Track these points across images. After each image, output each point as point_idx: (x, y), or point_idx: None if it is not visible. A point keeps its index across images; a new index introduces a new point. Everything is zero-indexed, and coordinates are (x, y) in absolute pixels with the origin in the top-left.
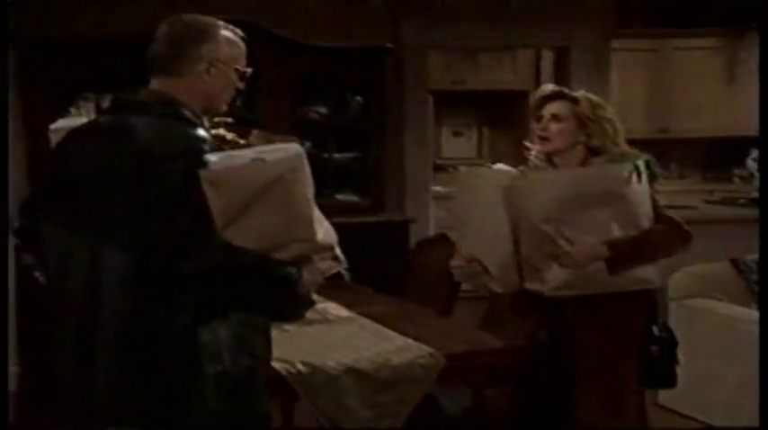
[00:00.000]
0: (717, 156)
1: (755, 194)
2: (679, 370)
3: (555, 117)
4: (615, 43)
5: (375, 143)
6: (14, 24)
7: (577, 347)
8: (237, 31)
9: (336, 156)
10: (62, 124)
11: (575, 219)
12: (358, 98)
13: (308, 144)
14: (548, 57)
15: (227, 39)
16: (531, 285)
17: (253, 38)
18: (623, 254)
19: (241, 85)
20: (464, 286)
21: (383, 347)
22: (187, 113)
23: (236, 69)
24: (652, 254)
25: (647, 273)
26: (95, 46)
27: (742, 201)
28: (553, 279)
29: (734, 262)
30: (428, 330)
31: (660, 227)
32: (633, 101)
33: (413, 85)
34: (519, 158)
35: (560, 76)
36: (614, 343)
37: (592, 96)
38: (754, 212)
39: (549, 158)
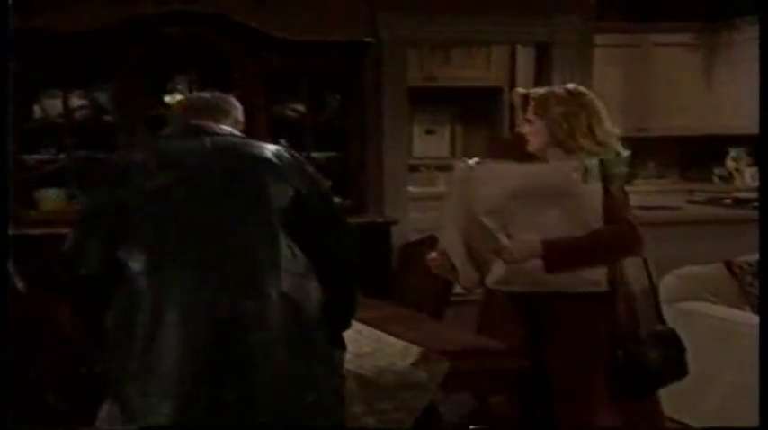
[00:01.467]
0: (695, 154)
1: (740, 194)
2: None
3: (527, 120)
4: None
5: (355, 142)
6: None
7: (547, 349)
8: None
9: (315, 155)
10: None
11: (518, 213)
12: (336, 96)
13: (284, 143)
14: (523, 52)
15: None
16: (485, 280)
17: (225, 31)
18: (559, 254)
19: None
20: (456, 289)
21: (385, 352)
22: None
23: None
24: (593, 256)
25: (595, 276)
26: (63, 39)
27: (727, 201)
28: (493, 273)
29: (728, 264)
30: (425, 334)
31: (609, 229)
32: (611, 98)
33: (390, 81)
34: (491, 157)
35: (542, 74)
36: (579, 346)
37: (544, 91)
38: (740, 213)
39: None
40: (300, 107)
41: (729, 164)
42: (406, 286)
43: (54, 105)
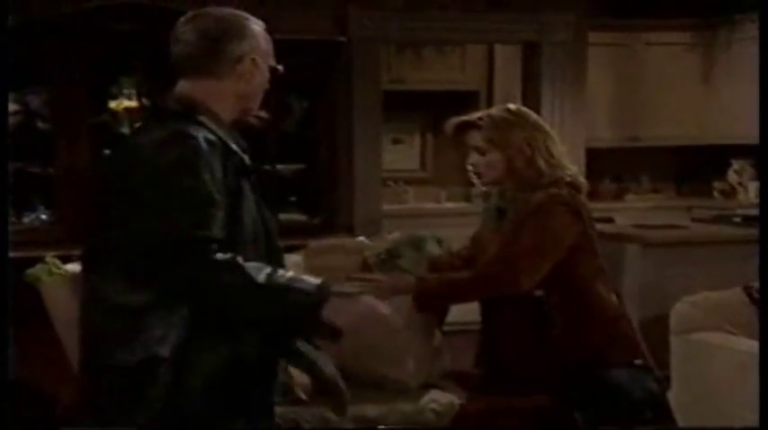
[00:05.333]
0: (694, 167)
1: (746, 211)
2: (687, 413)
3: (477, 149)
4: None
5: (324, 152)
6: None
7: None
8: (262, 23)
9: (279, 167)
10: None
11: None
12: (303, 101)
13: (246, 152)
14: (502, 52)
15: (262, 33)
16: None
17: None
18: (429, 291)
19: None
20: (450, 318)
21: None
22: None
23: (271, 66)
24: (460, 295)
25: (400, 374)
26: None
27: (737, 219)
28: None
29: (747, 289)
30: None
31: (482, 270)
32: (599, 103)
33: (362, 85)
34: (467, 170)
35: (529, 76)
36: None
37: (496, 112)
38: (753, 232)
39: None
40: (263, 113)
41: (732, 177)
42: None
43: None
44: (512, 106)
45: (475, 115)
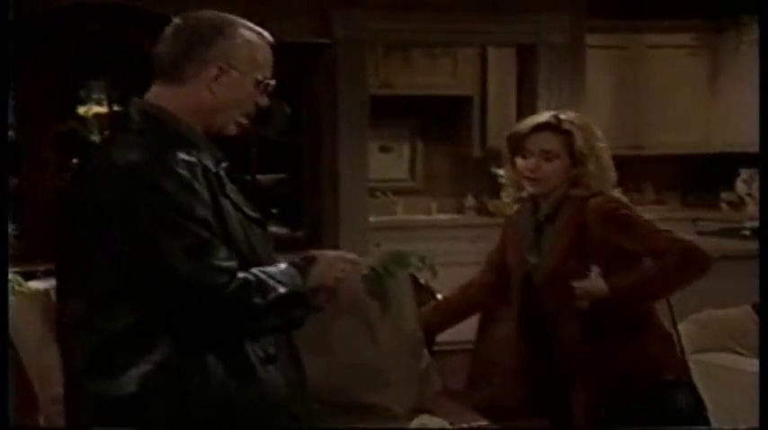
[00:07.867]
0: (700, 176)
1: (756, 223)
2: None
3: (546, 153)
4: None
5: (308, 161)
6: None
7: None
8: (265, 33)
9: (260, 177)
10: None
11: None
12: (285, 106)
13: (224, 163)
14: (496, 55)
15: (248, 40)
16: None
17: (148, 27)
18: (625, 296)
19: (263, 101)
20: (440, 338)
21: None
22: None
23: (257, 80)
24: (657, 293)
25: (383, 401)
26: None
27: (746, 232)
28: None
29: (756, 307)
30: None
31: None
32: (599, 109)
33: (348, 90)
34: (459, 180)
35: (524, 81)
36: None
37: (580, 122)
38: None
39: (533, 197)
40: (243, 120)
41: (740, 187)
42: None
43: None
44: (572, 114)
45: (542, 118)
